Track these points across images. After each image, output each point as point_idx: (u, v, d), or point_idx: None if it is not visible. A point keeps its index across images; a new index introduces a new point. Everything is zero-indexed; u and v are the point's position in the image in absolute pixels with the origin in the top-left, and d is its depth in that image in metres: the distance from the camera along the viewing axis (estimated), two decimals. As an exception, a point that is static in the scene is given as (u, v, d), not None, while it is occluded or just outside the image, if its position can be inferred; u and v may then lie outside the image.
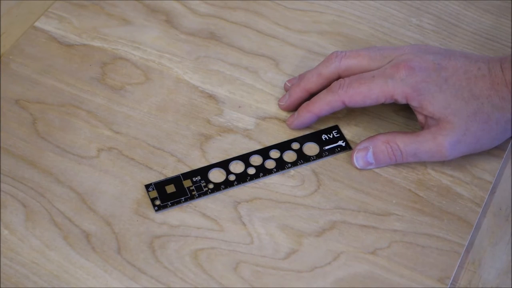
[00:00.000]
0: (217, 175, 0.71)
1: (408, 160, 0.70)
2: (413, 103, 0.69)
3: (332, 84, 0.71)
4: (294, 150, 0.72)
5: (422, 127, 0.70)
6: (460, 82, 0.68)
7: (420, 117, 0.70)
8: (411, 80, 0.68)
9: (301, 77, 0.74)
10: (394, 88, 0.68)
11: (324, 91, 0.71)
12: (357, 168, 0.71)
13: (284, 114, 0.75)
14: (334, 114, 0.74)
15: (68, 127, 0.73)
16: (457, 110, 0.67)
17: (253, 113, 0.75)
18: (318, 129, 0.73)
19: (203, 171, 0.71)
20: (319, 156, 0.72)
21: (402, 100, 0.69)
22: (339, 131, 0.73)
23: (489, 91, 0.67)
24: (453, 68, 0.68)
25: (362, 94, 0.69)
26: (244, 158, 0.72)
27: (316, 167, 0.71)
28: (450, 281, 0.64)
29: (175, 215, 0.68)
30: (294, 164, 0.71)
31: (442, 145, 0.68)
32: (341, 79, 0.71)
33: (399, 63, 0.68)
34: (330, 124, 0.74)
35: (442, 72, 0.68)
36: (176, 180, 0.70)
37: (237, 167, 0.71)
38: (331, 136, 0.73)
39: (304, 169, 0.71)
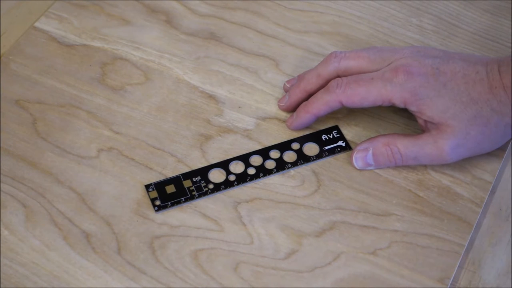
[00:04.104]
0: (217, 175, 0.71)
1: (408, 163, 0.70)
2: (412, 108, 0.68)
3: (329, 84, 0.71)
4: (294, 150, 0.72)
5: (422, 130, 0.70)
6: (459, 87, 0.68)
7: (420, 121, 0.70)
8: (410, 85, 0.68)
9: (300, 77, 0.74)
10: (392, 92, 0.68)
11: (322, 90, 0.71)
12: (356, 168, 0.71)
13: (284, 114, 0.75)
14: (334, 114, 0.74)
15: (68, 127, 0.73)
16: (456, 114, 0.67)
17: (253, 113, 0.75)
18: (318, 129, 0.73)
19: (203, 171, 0.71)
20: (319, 156, 0.72)
21: (400, 105, 0.69)
22: (339, 131, 0.73)
23: (487, 95, 0.67)
24: (452, 72, 0.68)
25: (360, 96, 0.69)
26: (244, 158, 0.72)
27: (316, 167, 0.71)
28: (450, 281, 0.64)
29: (175, 215, 0.68)
30: (294, 164, 0.71)
31: (443, 149, 0.68)
32: (338, 78, 0.70)
33: (397, 67, 0.68)
34: (330, 124, 0.74)
35: (440, 77, 0.68)
36: (176, 180, 0.70)
37: (237, 167, 0.71)
38: (331, 136, 0.73)
39: (304, 169, 0.71)
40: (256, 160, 0.72)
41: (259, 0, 0.83)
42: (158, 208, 0.68)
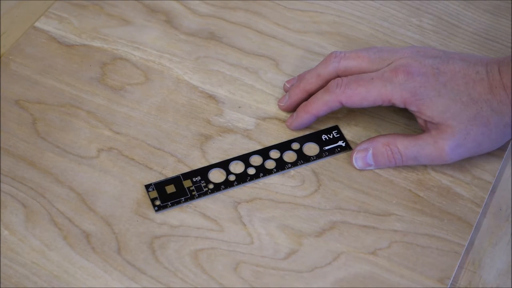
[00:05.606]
0: (217, 175, 0.71)
1: (408, 163, 0.70)
2: (412, 108, 0.68)
3: (329, 84, 0.71)
4: (294, 150, 0.72)
5: (423, 130, 0.70)
6: (459, 87, 0.68)
7: (420, 121, 0.70)
8: (410, 85, 0.68)
9: (300, 77, 0.74)
10: (392, 92, 0.68)
11: (321, 90, 0.71)
12: (356, 168, 0.71)
13: (284, 114, 0.75)
14: (334, 114, 0.74)
15: (68, 127, 0.73)
16: (456, 114, 0.67)
17: (253, 113, 0.75)
18: (318, 129, 0.73)
19: (203, 171, 0.71)
20: (319, 156, 0.72)
21: (400, 105, 0.69)
22: (339, 131, 0.73)
23: (487, 95, 0.67)
24: (452, 73, 0.68)
25: (360, 96, 0.69)
26: (244, 158, 0.72)
27: (316, 167, 0.71)
28: (450, 282, 0.64)
29: (175, 215, 0.68)
30: (294, 164, 0.71)
31: (443, 149, 0.68)
32: (338, 78, 0.70)
33: (397, 67, 0.68)
34: (330, 124, 0.74)
35: (440, 77, 0.68)
36: (176, 180, 0.70)
37: (237, 167, 0.71)
38: (331, 136, 0.73)
39: (304, 169, 0.71)
40: (256, 160, 0.72)
41: (259, 0, 0.84)
42: (158, 208, 0.68)
